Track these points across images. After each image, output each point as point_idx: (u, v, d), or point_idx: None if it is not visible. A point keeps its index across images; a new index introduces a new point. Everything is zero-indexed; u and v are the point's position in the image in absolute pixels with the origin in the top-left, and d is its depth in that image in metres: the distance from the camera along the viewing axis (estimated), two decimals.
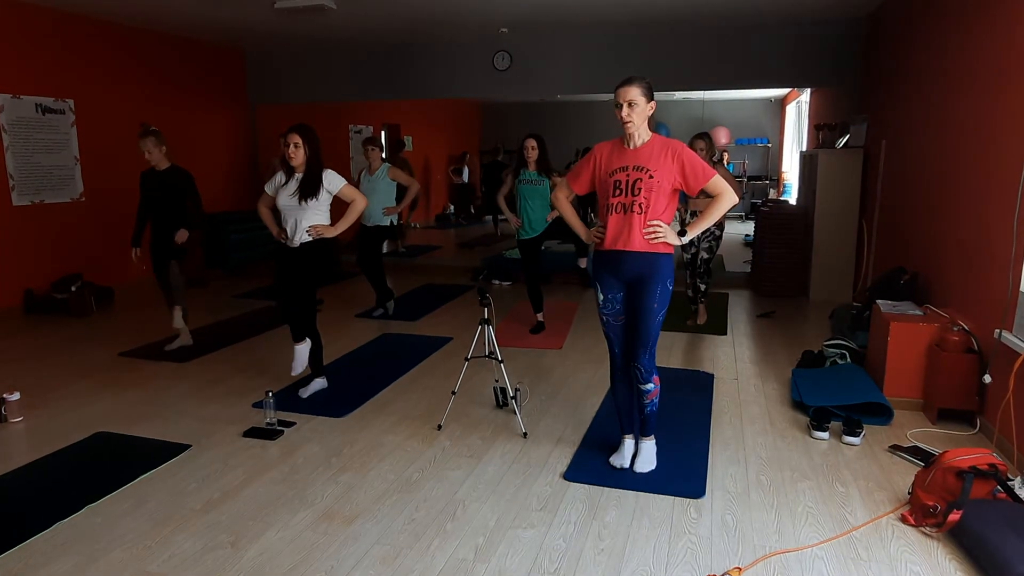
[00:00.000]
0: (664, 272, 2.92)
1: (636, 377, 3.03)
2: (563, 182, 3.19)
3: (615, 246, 2.92)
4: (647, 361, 2.99)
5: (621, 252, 2.92)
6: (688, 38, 7.42)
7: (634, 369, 3.02)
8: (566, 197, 3.22)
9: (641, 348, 2.98)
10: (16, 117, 6.25)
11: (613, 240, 2.92)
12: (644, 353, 2.98)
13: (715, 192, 2.92)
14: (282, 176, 3.93)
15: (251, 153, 9.26)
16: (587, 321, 5.93)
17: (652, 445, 3.17)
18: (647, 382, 3.01)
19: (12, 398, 3.76)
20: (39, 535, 2.64)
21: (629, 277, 2.95)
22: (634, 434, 3.20)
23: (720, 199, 2.92)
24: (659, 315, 2.95)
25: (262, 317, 6.10)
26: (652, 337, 2.97)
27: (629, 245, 2.89)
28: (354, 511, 2.82)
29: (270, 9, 6.37)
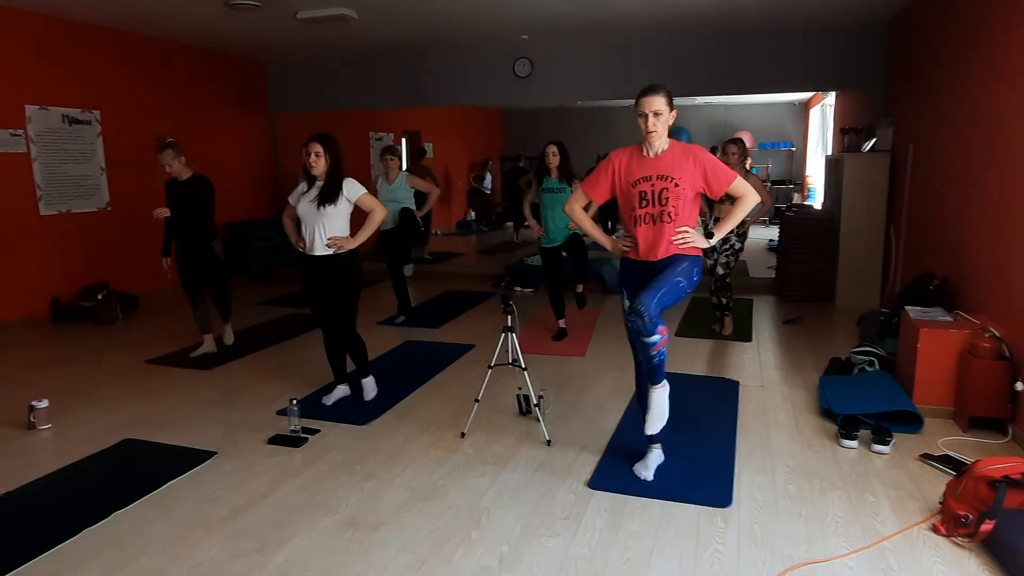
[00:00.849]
0: (692, 261, 2.89)
1: (639, 328, 2.77)
2: (578, 192, 3.14)
3: (648, 257, 2.91)
4: (652, 307, 2.74)
5: (653, 262, 2.91)
6: (709, 43, 7.38)
7: (635, 314, 2.75)
8: (582, 206, 3.15)
9: (649, 293, 2.76)
10: (44, 128, 6.37)
11: (646, 252, 2.91)
12: (651, 299, 2.75)
13: (738, 194, 2.93)
14: (304, 185, 3.96)
15: (272, 161, 9.36)
16: (610, 327, 5.89)
17: (664, 392, 2.97)
18: (652, 333, 2.77)
19: (40, 405, 3.81)
20: (68, 541, 2.66)
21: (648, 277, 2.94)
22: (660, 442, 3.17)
23: (743, 200, 2.94)
24: (678, 279, 2.82)
25: (285, 324, 6.15)
26: (663, 288, 2.78)
27: (660, 254, 2.89)
28: (379, 518, 2.82)
29: (292, 19, 6.43)
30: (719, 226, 3.00)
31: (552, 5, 6.10)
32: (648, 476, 3.10)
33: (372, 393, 4.23)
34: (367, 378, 4.23)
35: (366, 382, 4.23)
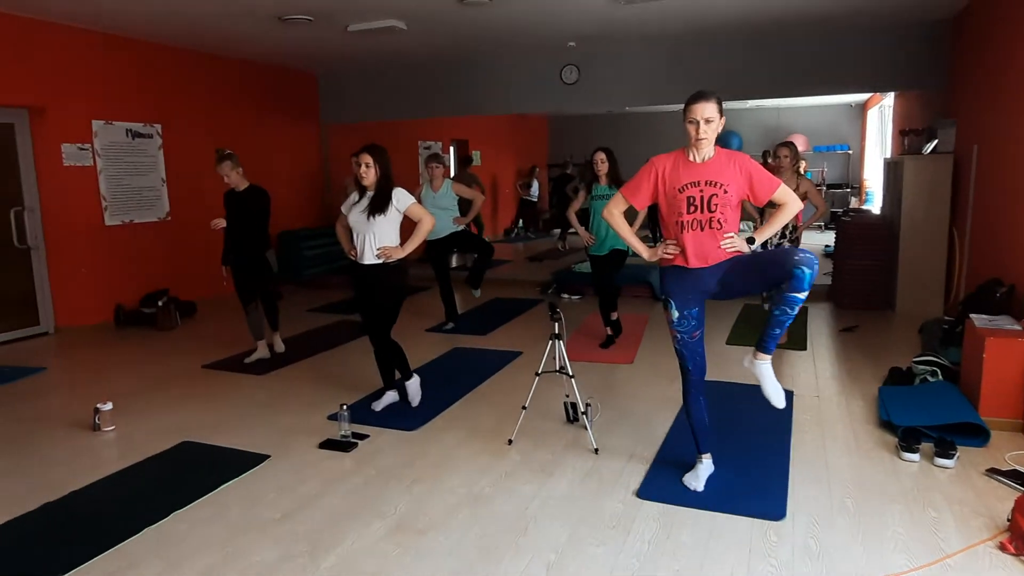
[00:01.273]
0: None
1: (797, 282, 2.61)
2: (618, 198, 3.06)
3: (698, 264, 2.86)
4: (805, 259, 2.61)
5: (703, 269, 2.87)
6: (761, 45, 7.25)
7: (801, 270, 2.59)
8: (621, 211, 3.11)
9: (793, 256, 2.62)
10: (109, 142, 6.65)
11: (695, 258, 2.86)
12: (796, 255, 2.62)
13: (781, 201, 2.91)
14: (355, 195, 4.04)
15: (323, 171, 9.56)
16: (658, 334, 5.82)
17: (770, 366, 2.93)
18: (808, 287, 2.62)
19: (105, 408, 3.96)
20: (130, 539, 2.76)
21: (710, 285, 2.90)
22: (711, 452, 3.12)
23: (786, 207, 2.92)
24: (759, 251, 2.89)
25: (336, 331, 6.26)
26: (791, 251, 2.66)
27: (711, 261, 2.85)
28: (426, 524, 2.83)
29: (343, 32, 6.57)
30: (760, 231, 2.96)
31: (599, 12, 6.08)
32: (699, 487, 3.04)
33: (417, 396, 4.24)
34: (410, 380, 4.23)
35: (410, 385, 4.23)
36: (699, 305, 2.95)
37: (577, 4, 5.83)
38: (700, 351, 3.02)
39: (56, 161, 6.24)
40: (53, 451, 3.68)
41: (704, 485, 3.05)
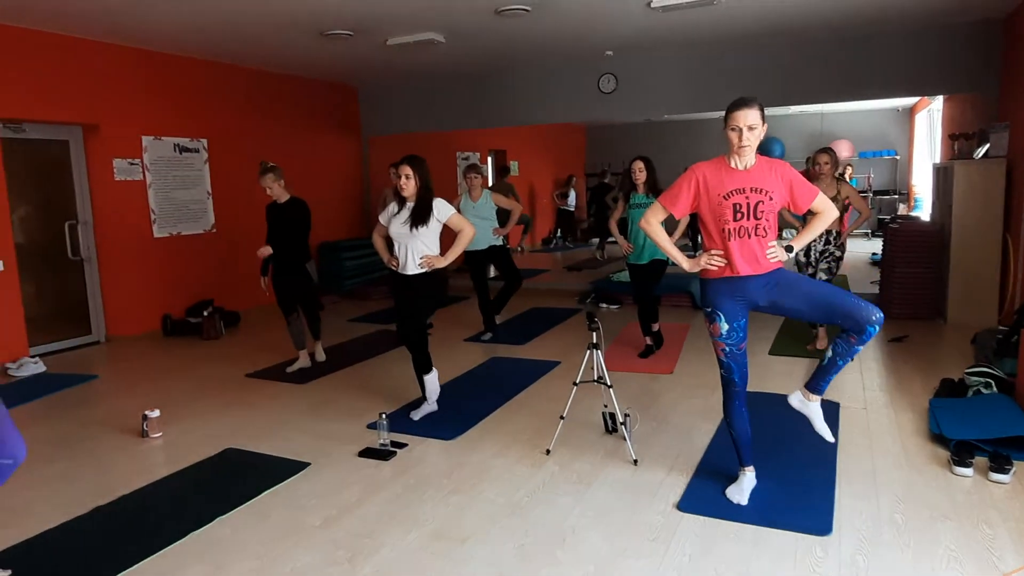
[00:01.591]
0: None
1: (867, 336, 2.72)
2: (656, 207, 3.01)
3: (748, 271, 2.83)
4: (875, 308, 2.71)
5: (751, 277, 2.83)
6: (803, 49, 7.13)
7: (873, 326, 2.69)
8: (659, 221, 3.06)
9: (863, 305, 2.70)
10: (157, 156, 6.86)
11: (743, 266, 2.82)
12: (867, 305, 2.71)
13: (819, 209, 2.91)
14: (395, 206, 4.08)
15: (363, 182, 9.70)
16: (698, 344, 5.73)
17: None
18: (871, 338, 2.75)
19: (153, 415, 4.07)
20: (175, 544, 2.82)
21: (761, 298, 2.86)
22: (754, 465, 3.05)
23: (823, 215, 2.93)
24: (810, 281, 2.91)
25: (376, 340, 6.33)
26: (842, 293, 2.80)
27: (759, 269, 2.82)
28: (464, 532, 2.83)
29: (382, 46, 6.68)
30: (798, 239, 2.95)
31: (636, 20, 6.06)
32: (742, 500, 2.97)
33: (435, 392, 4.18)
34: (429, 374, 4.15)
35: (428, 379, 4.16)
36: (746, 316, 2.92)
37: (614, 13, 5.83)
38: (745, 362, 2.98)
39: (108, 176, 6.46)
40: (105, 456, 3.79)
41: (747, 499, 2.99)
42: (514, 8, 5.51)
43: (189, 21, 5.66)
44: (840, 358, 2.82)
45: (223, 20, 5.66)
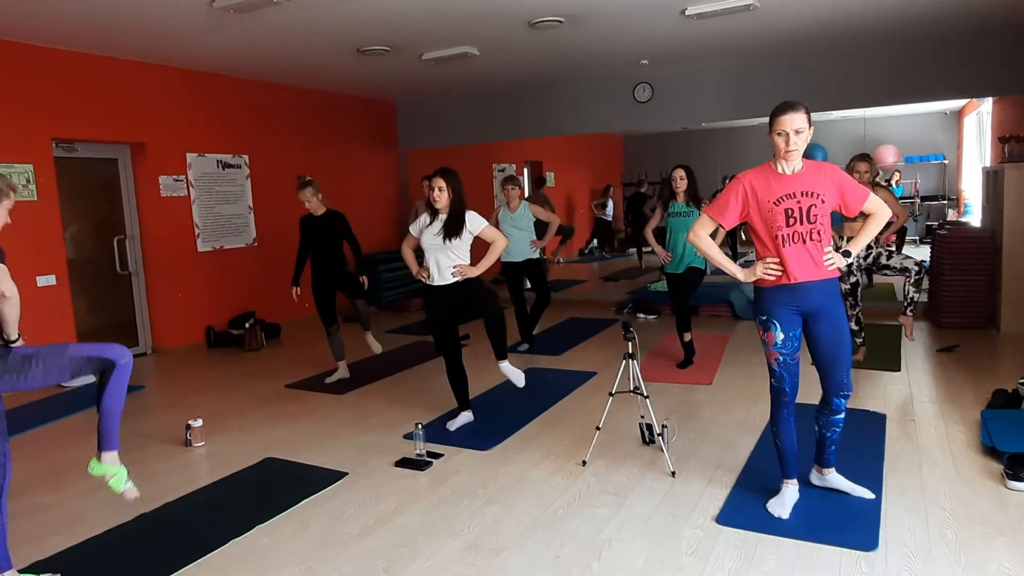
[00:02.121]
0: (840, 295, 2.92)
1: (836, 408, 2.96)
2: (704, 219, 2.97)
3: (805, 278, 2.77)
4: (849, 386, 2.95)
5: (809, 284, 2.78)
6: (845, 53, 7.00)
7: (841, 399, 2.94)
8: (707, 233, 3.01)
9: (842, 373, 2.91)
10: (201, 173, 7.05)
11: (800, 272, 2.77)
12: (847, 378, 2.93)
13: (872, 211, 2.86)
14: (427, 218, 4.11)
15: (401, 196, 9.81)
16: (739, 355, 5.63)
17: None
18: (842, 411, 2.98)
19: (196, 424, 4.16)
20: (217, 550, 2.87)
21: (813, 308, 2.82)
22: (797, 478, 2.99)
23: (876, 217, 2.88)
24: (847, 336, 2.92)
25: (412, 351, 6.37)
26: (848, 359, 2.92)
27: (817, 275, 2.78)
28: (500, 544, 2.82)
29: (418, 61, 6.76)
30: (853, 243, 2.90)
31: (671, 28, 6.03)
32: (784, 514, 2.90)
33: (519, 377, 4.22)
34: (504, 362, 4.18)
35: (504, 367, 4.18)
36: (800, 325, 2.86)
37: (648, 22, 5.81)
38: (798, 372, 2.93)
39: (154, 192, 6.66)
40: (150, 465, 3.88)
41: (790, 512, 2.91)
42: (547, 20, 5.53)
43: (231, 43, 5.81)
44: (826, 429, 3.01)
45: (264, 41, 5.80)
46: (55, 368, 2.52)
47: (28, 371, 2.48)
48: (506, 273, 6.15)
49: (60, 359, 2.52)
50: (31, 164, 5.66)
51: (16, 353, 2.50)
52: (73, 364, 2.53)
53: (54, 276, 5.85)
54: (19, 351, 2.52)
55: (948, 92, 6.92)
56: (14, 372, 2.47)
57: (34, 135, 5.69)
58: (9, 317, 2.44)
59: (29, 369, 2.48)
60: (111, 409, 2.62)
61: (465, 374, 4.28)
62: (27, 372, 2.47)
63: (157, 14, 4.96)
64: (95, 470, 2.67)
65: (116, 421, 2.66)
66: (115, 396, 2.62)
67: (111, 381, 2.58)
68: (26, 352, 2.51)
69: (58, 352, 2.53)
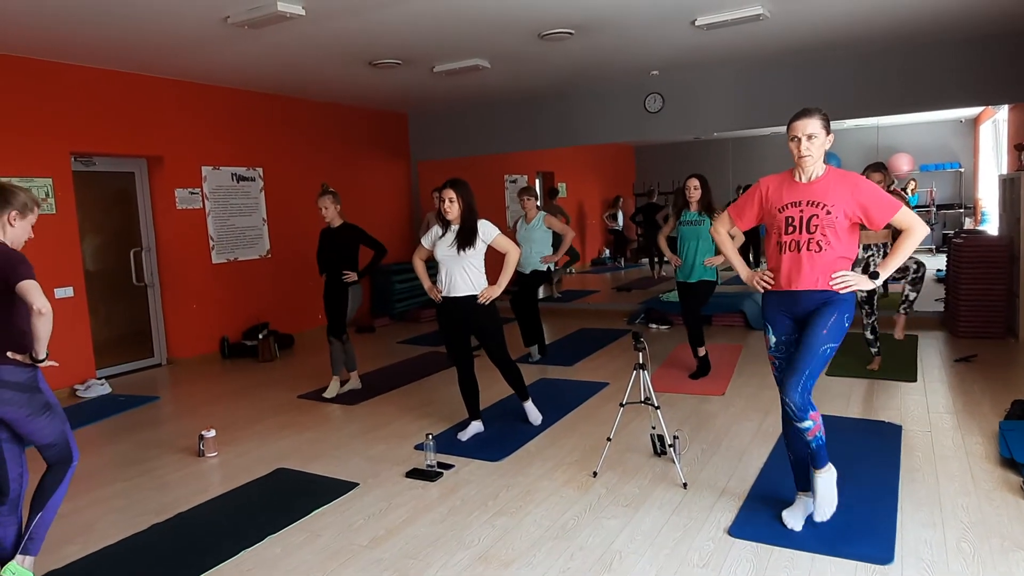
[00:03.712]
0: (844, 305, 2.71)
1: (787, 414, 2.73)
2: (724, 216, 3.07)
3: (792, 287, 2.75)
4: (798, 396, 2.65)
5: (796, 292, 2.75)
6: (857, 62, 6.97)
7: (783, 405, 2.72)
8: (727, 231, 3.09)
9: (793, 377, 2.66)
10: (216, 186, 7.12)
11: (787, 280, 2.76)
12: (796, 385, 2.65)
13: (903, 226, 2.71)
14: (439, 229, 4.13)
15: (412, 207, 9.86)
16: (752, 366, 5.59)
17: (830, 476, 2.83)
18: (802, 420, 2.68)
19: (209, 435, 4.18)
20: (228, 560, 2.88)
21: (803, 315, 2.77)
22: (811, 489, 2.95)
23: (912, 232, 2.69)
24: (825, 346, 2.66)
25: (424, 362, 6.38)
26: (808, 366, 2.66)
27: (808, 284, 2.72)
28: (510, 555, 2.81)
29: (429, 73, 6.81)
30: (884, 263, 2.77)
31: (682, 38, 6.03)
32: (797, 526, 2.87)
33: (537, 416, 4.38)
34: (527, 402, 4.38)
35: (528, 407, 4.39)
36: (795, 332, 2.83)
37: (658, 33, 5.82)
38: None
39: (170, 205, 6.74)
40: (164, 474, 3.91)
41: (803, 524, 2.88)
42: (558, 32, 5.56)
43: (246, 58, 5.88)
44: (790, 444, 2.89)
45: (277, 56, 5.86)
46: (53, 430, 2.60)
47: (40, 416, 2.56)
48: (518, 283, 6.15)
49: (60, 426, 2.62)
50: (50, 178, 5.75)
51: (43, 395, 2.57)
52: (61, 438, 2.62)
53: (72, 288, 5.92)
54: (46, 395, 2.58)
55: (963, 99, 6.86)
56: (31, 409, 2.53)
57: (53, 150, 5.78)
58: (41, 333, 2.44)
59: (42, 415, 2.57)
60: (54, 506, 2.62)
61: (477, 385, 4.28)
62: (39, 416, 2.56)
63: (174, 30, 5.04)
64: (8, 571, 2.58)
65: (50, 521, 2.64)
66: (59, 493, 2.64)
67: (64, 478, 2.62)
68: (50, 400, 2.60)
69: (63, 420, 2.64)
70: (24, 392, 2.49)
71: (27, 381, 2.51)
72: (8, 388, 2.47)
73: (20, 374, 2.49)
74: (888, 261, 2.74)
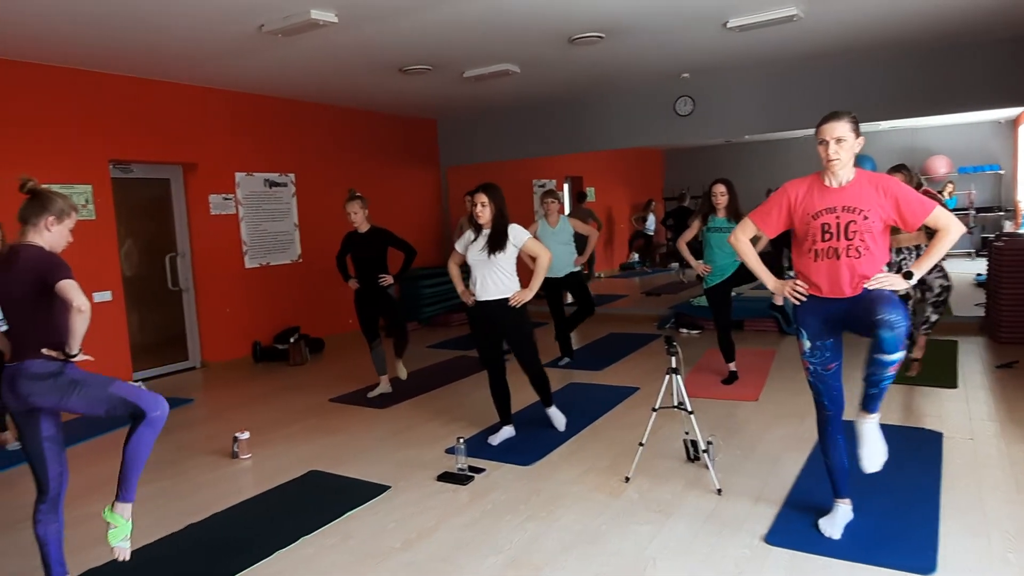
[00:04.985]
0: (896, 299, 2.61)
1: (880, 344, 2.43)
2: (746, 222, 2.93)
3: (832, 295, 2.69)
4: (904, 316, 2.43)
5: (837, 300, 2.69)
6: (892, 62, 6.85)
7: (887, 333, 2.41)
8: (749, 238, 2.96)
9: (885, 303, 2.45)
10: (249, 192, 7.23)
11: (828, 288, 2.70)
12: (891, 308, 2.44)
13: (938, 226, 2.63)
14: (471, 234, 4.14)
15: (442, 212, 9.91)
16: (785, 371, 5.51)
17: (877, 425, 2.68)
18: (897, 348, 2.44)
19: (243, 437, 4.24)
20: (262, 561, 2.91)
21: (844, 318, 2.70)
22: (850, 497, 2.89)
23: (947, 232, 2.61)
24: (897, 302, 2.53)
25: (453, 366, 6.39)
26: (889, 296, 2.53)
27: (843, 292, 2.67)
28: (541, 560, 2.79)
29: (459, 79, 6.85)
30: (918, 263, 2.69)
31: (712, 41, 5.98)
32: (835, 534, 2.81)
33: (562, 422, 4.36)
34: (550, 408, 4.37)
35: (551, 412, 4.37)
36: (835, 336, 2.77)
37: (689, 35, 5.78)
38: (837, 386, 2.82)
39: (204, 211, 6.86)
40: (198, 476, 3.97)
41: (841, 532, 2.82)
42: (588, 36, 5.55)
43: (278, 66, 5.97)
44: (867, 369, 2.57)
45: (309, 63, 5.94)
46: (95, 399, 2.55)
47: (71, 395, 2.53)
48: (547, 288, 6.14)
49: (101, 392, 2.56)
50: (90, 185, 5.89)
51: (67, 375, 2.56)
52: (111, 401, 2.56)
53: (110, 292, 6.05)
54: (71, 374, 2.57)
55: (1001, 100, 6.70)
56: (60, 392, 2.53)
57: (93, 157, 5.92)
58: (77, 330, 2.49)
59: (72, 393, 2.53)
60: (133, 457, 2.59)
61: (508, 389, 4.27)
62: (70, 396, 2.53)
63: (209, 40, 5.14)
64: (106, 515, 2.62)
65: (136, 471, 2.61)
66: (139, 445, 2.59)
67: (138, 429, 2.57)
68: (75, 377, 2.57)
69: (102, 385, 2.57)
70: (47, 379, 2.53)
71: (54, 370, 2.55)
72: (35, 380, 2.52)
73: (48, 366, 2.54)
74: (922, 260, 2.68)
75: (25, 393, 2.52)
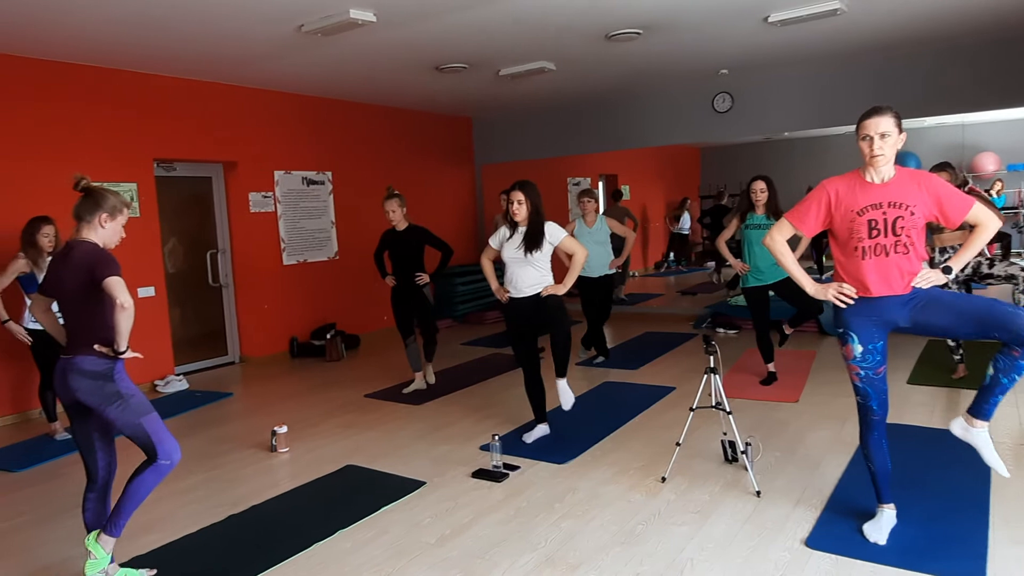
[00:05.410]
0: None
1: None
2: (783, 224, 2.85)
3: (884, 292, 2.63)
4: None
5: (889, 298, 2.63)
6: (939, 56, 6.66)
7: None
8: (786, 239, 2.87)
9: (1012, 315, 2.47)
10: (287, 189, 7.34)
11: (879, 286, 2.63)
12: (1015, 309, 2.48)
13: (977, 221, 2.62)
14: (506, 231, 4.14)
15: (476, 210, 9.93)
16: (826, 373, 5.40)
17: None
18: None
19: (281, 431, 4.30)
20: (301, 553, 2.95)
21: (898, 318, 2.65)
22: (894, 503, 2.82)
23: (985, 227, 2.63)
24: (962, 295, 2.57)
25: (487, 364, 6.40)
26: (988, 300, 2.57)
27: (898, 289, 2.61)
28: (576, 559, 2.78)
29: (495, 77, 6.85)
30: (956, 257, 2.68)
31: (752, 36, 5.88)
32: (880, 539, 2.74)
33: (569, 400, 4.16)
34: (562, 380, 4.13)
35: (561, 385, 4.14)
36: (884, 338, 2.70)
37: (728, 30, 5.69)
38: (885, 389, 2.76)
39: (244, 208, 6.98)
40: (238, 469, 4.04)
41: (886, 538, 2.75)
42: (625, 32, 5.50)
43: (317, 65, 6.04)
44: (1003, 375, 2.55)
45: (347, 62, 6.00)
46: (127, 421, 2.60)
47: (111, 405, 2.59)
48: (581, 288, 6.10)
49: (134, 418, 2.60)
50: (135, 183, 6.03)
51: (115, 385, 2.61)
52: (137, 430, 2.59)
53: (153, 288, 6.19)
54: (119, 385, 2.62)
55: None
56: (103, 398, 2.59)
57: (138, 156, 6.07)
58: (122, 328, 2.55)
59: (112, 404, 2.59)
60: (132, 494, 2.61)
61: (543, 387, 4.26)
62: (109, 405, 2.59)
63: (251, 40, 5.22)
64: (89, 543, 2.64)
65: (131, 509, 2.63)
66: (140, 486, 2.61)
67: (145, 471, 2.61)
68: (122, 390, 2.62)
69: (138, 412, 2.61)
70: (96, 380, 2.59)
71: (103, 371, 2.60)
72: (85, 376, 2.58)
73: (98, 364, 2.60)
74: (960, 255, 2.68)
75: (74, 387, 2.59)
